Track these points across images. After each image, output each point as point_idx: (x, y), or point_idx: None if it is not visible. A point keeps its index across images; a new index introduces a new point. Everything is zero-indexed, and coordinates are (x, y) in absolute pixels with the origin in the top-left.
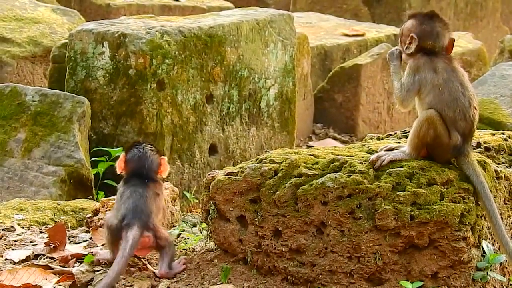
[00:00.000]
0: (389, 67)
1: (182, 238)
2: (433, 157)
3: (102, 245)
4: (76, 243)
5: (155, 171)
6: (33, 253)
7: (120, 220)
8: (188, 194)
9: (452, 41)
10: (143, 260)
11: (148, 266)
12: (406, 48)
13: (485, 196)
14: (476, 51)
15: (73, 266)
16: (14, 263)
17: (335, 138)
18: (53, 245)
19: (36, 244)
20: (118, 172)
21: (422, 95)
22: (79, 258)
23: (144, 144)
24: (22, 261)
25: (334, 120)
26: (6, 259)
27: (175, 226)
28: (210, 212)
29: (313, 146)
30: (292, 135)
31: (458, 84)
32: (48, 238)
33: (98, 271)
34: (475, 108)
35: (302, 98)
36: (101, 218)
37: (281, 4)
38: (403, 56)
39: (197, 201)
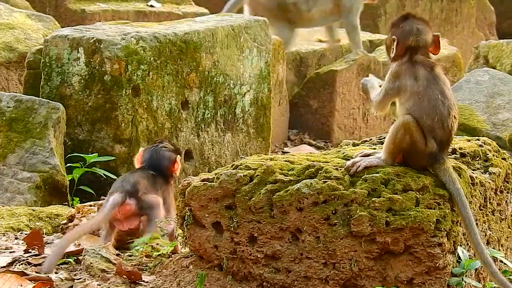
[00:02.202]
0: (365, 90)
1: (157, 244)
2: (409, 164)
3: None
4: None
5: (167, 167)
6: (13, 259)
7: (109, 194)
8: None
9: (437, 38)
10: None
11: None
12: (391, 52)
13: (461, 203)
14: (451, 57)
15: (55, 272)
16: None
17: (310, 144)
18: (33, 250)
19: (14, 251)
20: (136, 166)
21: (402, 100)
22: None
23: (163, 141)
24: (3, 267)
25: (309, 126)
26: None
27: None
28: (186, 218)
29: (288, 152)
30: (268, 141)
31: (438, 93)
32: (26, 245)
33: (78, 279)
34: (455, 117)
35: (277, 104)
36: (77, 224)
37: None
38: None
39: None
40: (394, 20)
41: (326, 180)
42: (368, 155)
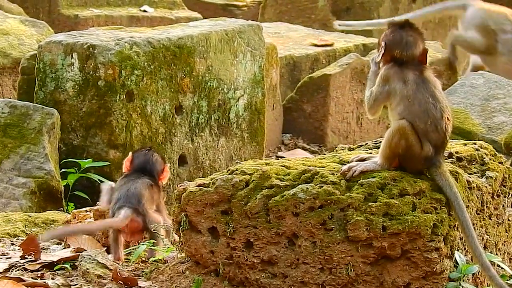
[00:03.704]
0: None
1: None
2: (405, 168)
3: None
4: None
5: (157, 173)
6: (9, 265)
7: (114, 205)
8: None
9: (425, 52)
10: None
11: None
12: (378, 55)
13: (458, 207)
14: (445, 60)
15: (52, 278)
16: None
17: (304, 149)
18: (29, 256)
19: (10, 257)
20: (124, 170)
21: (393, 105)
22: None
23: (152, 148)
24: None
25: (303, 130)
26: None
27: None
28: (182, 223)
29: (282, 157)
30: (262, 145)
31: (429, 96)
32: (22, 251)
33: (74, 285)
34: (448, 119)
35: (271, 109)
36: None
37: (250, 14)
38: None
39: (166, 212)
40: (393, 23)
41: (322, 185)
42: (364, 159)
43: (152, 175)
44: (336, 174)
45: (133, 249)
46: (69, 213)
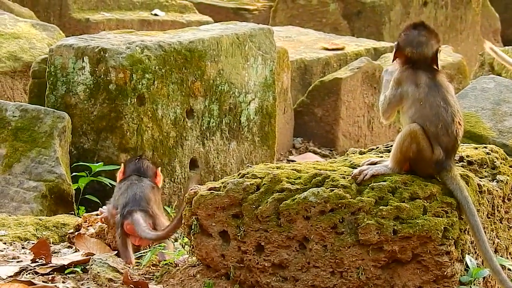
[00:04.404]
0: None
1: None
2: (416, 172)
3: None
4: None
5: (151, 177)
6: (20, 268)
7: (122, 209)
8: (168, 209)
9: (435, 52)
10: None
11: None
12: (392, 56)
13: (469, 211)
14: (456, 64)
15: (62, 282)
16: (2, 279)
17: (315, 152)
18: (40, 260)
19: (21, 260)
20: (118, 181)
21: (404, 108)
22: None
23: (142, 156)
24: (10, 277)
25: (314, 134)
26: None
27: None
28: (193, 227)
29: (293, 161)
30: (273, 149)
31: (440, 99)
32: (33, 254)
33: None
34: (459, 124)
35: (282, 112)
36: (84, 234)
37: (261, 18)
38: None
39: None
40: (407, 25)
41: (333, 188)
42: (375, 163)
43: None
44: (347, 178)
45: (143, 252)
46: (80, 217)
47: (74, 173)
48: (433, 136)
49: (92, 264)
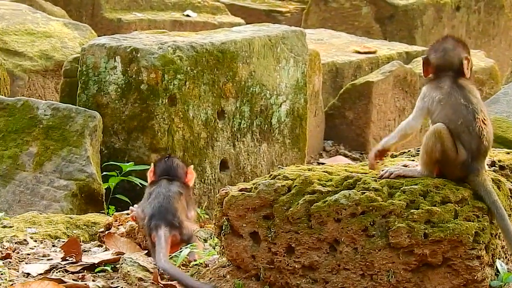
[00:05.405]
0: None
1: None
2: (445, 176)
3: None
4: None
5: (182, 177)
6: (50, 266)
7: (148, 221)
8: (199, 210)
9: (467, 61)
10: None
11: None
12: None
13: (499, 216)
14: (488, 69)
15: (92, 280)
16: (33, 276)
17: (345, 155)
18: (70, 258)
19: (51, 258)
20: (149, 181)
21: (429, 113)
22: (94, 272)
23: (171, 155)
24: (40, 274)
25: (345, 137)
26: (22, 272)
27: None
28: (223, 228)
29: (324, 164)
30: (303, 152)
31: (461, 97)
32: (63, 252)
33: (115, 287)
34: (483, 123)
35: (313, 115)
36: (114, 233)
37: (293, 20)
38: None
39: (207, 216)
40: (432, 43)
41: (365, 191)
42: (407, 166)
43: (179, 179)
44: (379, 181)
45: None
46: (111, 216)
47: (104, 173)
48: (455, 135)
49: (122, 263)
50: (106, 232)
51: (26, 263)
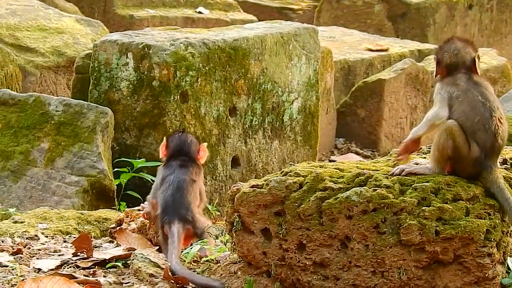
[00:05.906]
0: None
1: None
2: (457, 173)
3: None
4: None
5: (195, 154)
6: (61, 262)
7: (161, 213)
8: (210, 206)
9: (473, 58)
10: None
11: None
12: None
13: (511, 213)
14: (501, 67)
15: (103, 276)
16: (44, 272)
17: (357, 153)
18: (81, 254)
19: (62, 254)
20: (161, 156)
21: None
22: (106, 268)
23: (184, 130)
24: (51, 270)
25: (357, 135)
26: (33, 267)
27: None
28: (235, 224)
29: (335, 161)
30: (315, 149)
31: (478, 94)
32: (74, 248)
33: (126, 283)
34: (499, 121)
35: (325, 113)
36: (126, 229)
37: (305, 18)
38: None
39: (218, 213)
40: (440, 44)
41: (376, 188)
42: (419, 164)
43: (190, 157)
44: (390, 178)
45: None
46: (122, 212)
47: (116, 169)
48: (469, 132)
49: (133, 259)
50: (117, 228)
51: (37, 258)
